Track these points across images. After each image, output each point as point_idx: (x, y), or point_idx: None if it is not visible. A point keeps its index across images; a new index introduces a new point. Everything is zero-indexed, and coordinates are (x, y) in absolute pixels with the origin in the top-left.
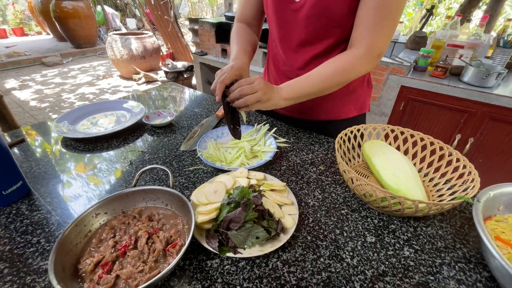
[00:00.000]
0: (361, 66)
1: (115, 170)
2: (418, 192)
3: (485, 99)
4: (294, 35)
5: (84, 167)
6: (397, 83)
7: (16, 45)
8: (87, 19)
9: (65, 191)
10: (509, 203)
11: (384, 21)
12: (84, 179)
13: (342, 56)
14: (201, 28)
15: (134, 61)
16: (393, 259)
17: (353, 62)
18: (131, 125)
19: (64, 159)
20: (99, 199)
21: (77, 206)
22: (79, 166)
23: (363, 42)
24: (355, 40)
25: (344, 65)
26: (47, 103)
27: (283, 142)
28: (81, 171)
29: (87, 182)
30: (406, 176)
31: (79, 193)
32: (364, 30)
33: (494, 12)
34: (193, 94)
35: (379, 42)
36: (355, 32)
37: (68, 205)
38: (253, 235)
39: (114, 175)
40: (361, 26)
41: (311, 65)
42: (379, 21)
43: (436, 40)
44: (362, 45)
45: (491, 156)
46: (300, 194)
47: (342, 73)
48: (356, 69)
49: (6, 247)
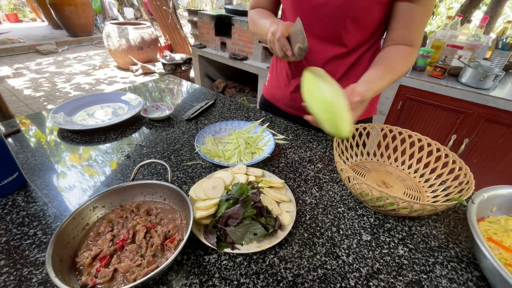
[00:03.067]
0: (413, 59)
1: (112, 163)
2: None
3: (481, 101)
4: (316, 31)
5: (81, 159)
6: (396, 82)
7: (10, 31)
8: (83, 7)
9: (61, 183)
10: (502, 205)
11: (424, 18)
12: (80, 171)
13: (397, 49)
14: (201, 20)
15: (132, 52)
16: (387, 257)
17: (409, 55)
18: (129, 118)
19: (60, 150)
20: (96, 192)
21: (74, 198)
22: (75, 158)
23: (409, 39)
24: (398, 38)
25: (405, 57)
26: (42, 92)
27: (281, 139)
28: (78, 163)
29: (84, 175)
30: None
31: (75, 185)
32: (409, 29)
33: (494, 14)
34: (192, 87)
35: (420, 38)
36: (400, 30)
37: (64, 197)
38: (251, 231)
39: (111, 168)
40: (406, 23)
41: (334, 62)
42: (421, 19)
43: (436, 40)
44: (408, 42)
45: (485, 157)
46: (297, 191)
47: (406, 64)
48: (411, 62)
49: (3, 238)
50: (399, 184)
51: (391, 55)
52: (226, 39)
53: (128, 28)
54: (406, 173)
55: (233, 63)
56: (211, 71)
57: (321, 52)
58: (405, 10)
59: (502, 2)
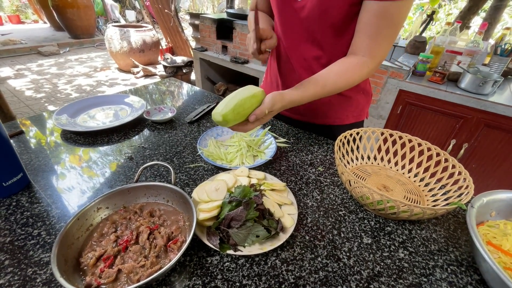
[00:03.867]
0: (362, 72)
1: (115, 165)
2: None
3: (481, 106)
4: (296, 33)
5: (84, 160)
6: (396, 86)
7: (11, 32)
8: (85, 9)
9: (65, 184)
10: (501, 209)
11: (385, 29)
12: (83, 172)
13: (344, 62)
14: (202, 23)
15: (133, 54)
16: (388, 260)
17: (356, 67)
18: (132, 120)
19: (63, 152)
20: (99, 193)
21: (77, 199)
22: (78, 160)
23: (365, 49)
24: (357, 46)
25: (347, 70)
26: (43, 93)
27: (283, 142)
28: (82, 165)
29: (87, 176)
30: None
31: (79, 186)
32: (366, 37)
33: (493, 20)
34: (193, 90)
35: (380, 50)
36: (357, 38)
37: (68, 198)
38: (254, 233)
39: (115, 170)
40: (363, 32)
41: (313, 64)
42: (381, 29)
43: (435, 45)
44: (364, 52)
45: (484, 161)
46: (299, 194)
47: (344, 78)
48: (358, 75)
49: (7, 238)
50: (400, 188)
51: (330, 70)
52: (227, 43)
53: (130, 30)
54: (406, 177)
55: (234, 66)
56: (212, 74)
57: (302, 51)
58: (363, 18)
59: (500, 9)
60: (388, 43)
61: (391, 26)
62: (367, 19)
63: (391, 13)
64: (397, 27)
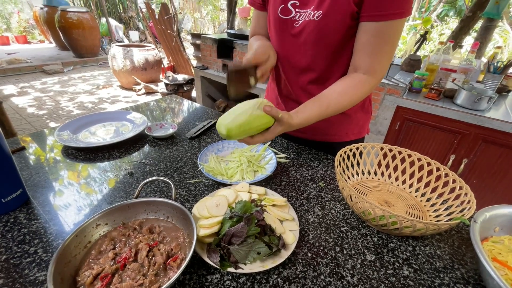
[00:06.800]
0: (364, 89)
1: (116, 181)
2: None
3: (477, 122)
4: (294, 58)
5: (84, 176)
6: (393, 103)
7: (18, 52)
8: (91, 30)
9: (64, 200)
10: (505, 224)
11: (384, 47)
12: (83, 189)
13: (346, 80)
14: (204, 43)
15: (135, 72)
16: (392, 278)
17: (357, 85)
18: (133, 136)
19: (64, 168)
20: (98, 209)
21: (76, 216)
22: (79, 176)
23: (366, 66)
24: (358, 64)
25: (349, 89)
26: (45, 110)
27: (283, 157)
28: (81, 181)
29: (86, 192)
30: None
31: (78, 202)
32: (366, 55)
33: (484, 40)
34: (194, 106)
35: (380, 66)
36: (358, 57)
37: (66, 214)
38: (255, 250)
39: (115, 186)
40: (362, 51)
41: (310, 87)
42: (380, 47)
43: (430, 63)
44: (365, 69)
45: (485, 177)
46: (300, 210)
47: (348, 96)
48: (360, 92)
49: (2, 256)
50: (401, 203)
51: (332, 90)
52: (228, 61)
53: (133, 49)
54: (407, 192)
55: None
56: (213, 91)
57: (302, 76)
58: (362, 38)
59: (490, 29)
60: (387, 59)
61: (388, 43)
62: (366, 38)
63: (388, 31)
64: (394, 44)
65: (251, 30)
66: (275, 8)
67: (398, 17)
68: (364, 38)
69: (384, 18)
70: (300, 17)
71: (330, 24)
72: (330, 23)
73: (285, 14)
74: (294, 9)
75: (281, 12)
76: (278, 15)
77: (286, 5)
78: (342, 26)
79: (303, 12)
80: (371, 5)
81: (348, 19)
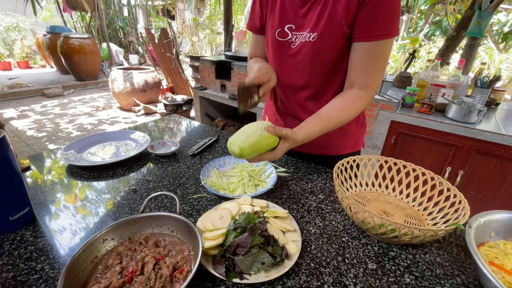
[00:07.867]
0: (361, 103)
1: (120, 198)
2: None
3: (469, 134)
4: (292, 77)
5: (89, 194)
6: (387, 118)
7: (19, 76)
8: (92, 55)
9: (70, 218)
10: (499, 229)
11: (376, 64)
12: (88, 206)
13: (344, 96)
14: (202, 65)
15: (135, 94)
16: (395, 286)
17: (355, 100)
18: (137, 154)
19: (69, 186)
20: (104, 226)
21: (82, 232)
22: (83, 194)
23: (361, 82)
24: (353, 81)
25: (348, 103)
26: (45, 132)
27: (283, 171)
28: (86, 199)
29: (91, 209)
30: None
31: (83, 219)
32: (360, 72)
33: (470, 57)
34: (194, 125)
35: (374, 82)
36: (353, 74)
37: (73, 231)
38: (259, 260)
39: (119, 203)
40: (357, 69)
41: (307, 103)
42: (373, 64)
43: (420, 80)
44: (360, 85)
45: (482, 188)
46: (301, 221)
47: (347, 111)
48: (358, 106)
49: (10, 274)
50: (399, 213)
51: (332, 106)
52: (226, 82)
53: (133, 72)
54: (405, 202)
55: (232, 103)
56: (211, 111)
57: (296, 92)
58: (355, 56)
59: (474, 47)
60: (380, 75)
61: (380, 60)
62: (360, 57)
63: (378, 50)
64: (385, 61)
65: (250, 53)
66: (273, 31)
67: (386, 37)
68: (357, 56)
69: (374, 38)
70: (296, 39)
71: (325, 45)
72: (325, 44)
73: (282, 36)
74: (291, 32)
75: (278, 35)
76: (275, 38)
77: (283, 28)
78: (336, 46)
79: (299, 35)
80: (362, 28)
81: (342, 40)
